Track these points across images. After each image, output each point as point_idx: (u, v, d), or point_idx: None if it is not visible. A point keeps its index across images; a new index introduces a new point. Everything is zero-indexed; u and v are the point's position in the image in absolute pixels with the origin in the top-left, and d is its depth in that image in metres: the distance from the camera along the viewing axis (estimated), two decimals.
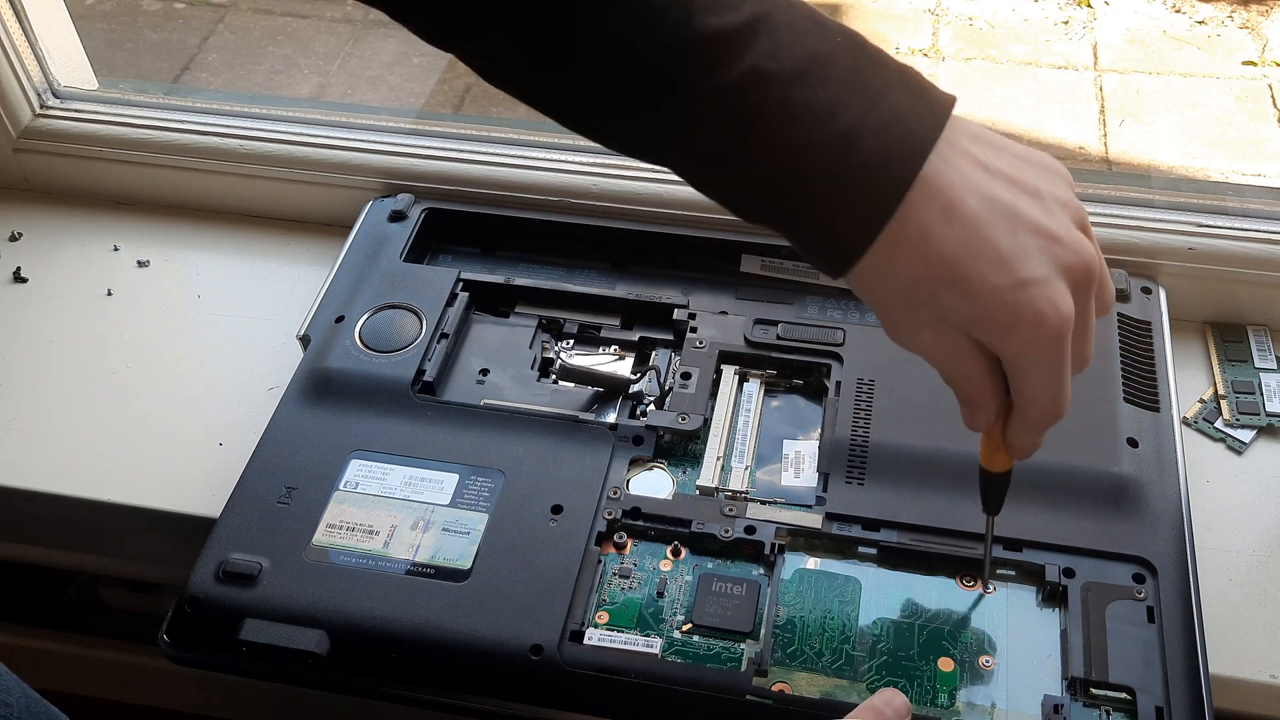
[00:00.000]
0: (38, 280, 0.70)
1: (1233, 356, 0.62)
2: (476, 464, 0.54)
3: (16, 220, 0.74)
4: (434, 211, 0.67)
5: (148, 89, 0.76)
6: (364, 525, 0.52)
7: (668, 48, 0.35)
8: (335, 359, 0.59)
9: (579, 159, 0.68)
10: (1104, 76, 1.87)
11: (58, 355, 0.66)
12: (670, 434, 0.55)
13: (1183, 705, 0.45)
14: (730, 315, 0.61)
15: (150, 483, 0.58)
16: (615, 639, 0.48)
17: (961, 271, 0.36)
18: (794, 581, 0.51)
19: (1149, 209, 0.64)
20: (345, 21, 2.06)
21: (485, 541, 0.51)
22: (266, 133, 0.72)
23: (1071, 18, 1.99)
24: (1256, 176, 1.67)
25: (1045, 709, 0.46)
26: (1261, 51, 1.89)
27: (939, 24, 1.95)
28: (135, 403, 0.63)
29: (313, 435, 0.56)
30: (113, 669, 0.75)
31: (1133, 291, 0.61)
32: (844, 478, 0.53)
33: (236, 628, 0.49)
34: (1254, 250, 0.62)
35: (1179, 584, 0.49)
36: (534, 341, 0.61)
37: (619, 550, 0.52)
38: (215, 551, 0.51)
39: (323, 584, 0.50)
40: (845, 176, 0.36)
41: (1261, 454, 0.59)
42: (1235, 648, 0.50)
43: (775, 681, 0.47)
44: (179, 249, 0.72)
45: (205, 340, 0.66)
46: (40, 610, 0.77)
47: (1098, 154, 1.72)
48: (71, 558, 0.64)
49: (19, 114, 0.73)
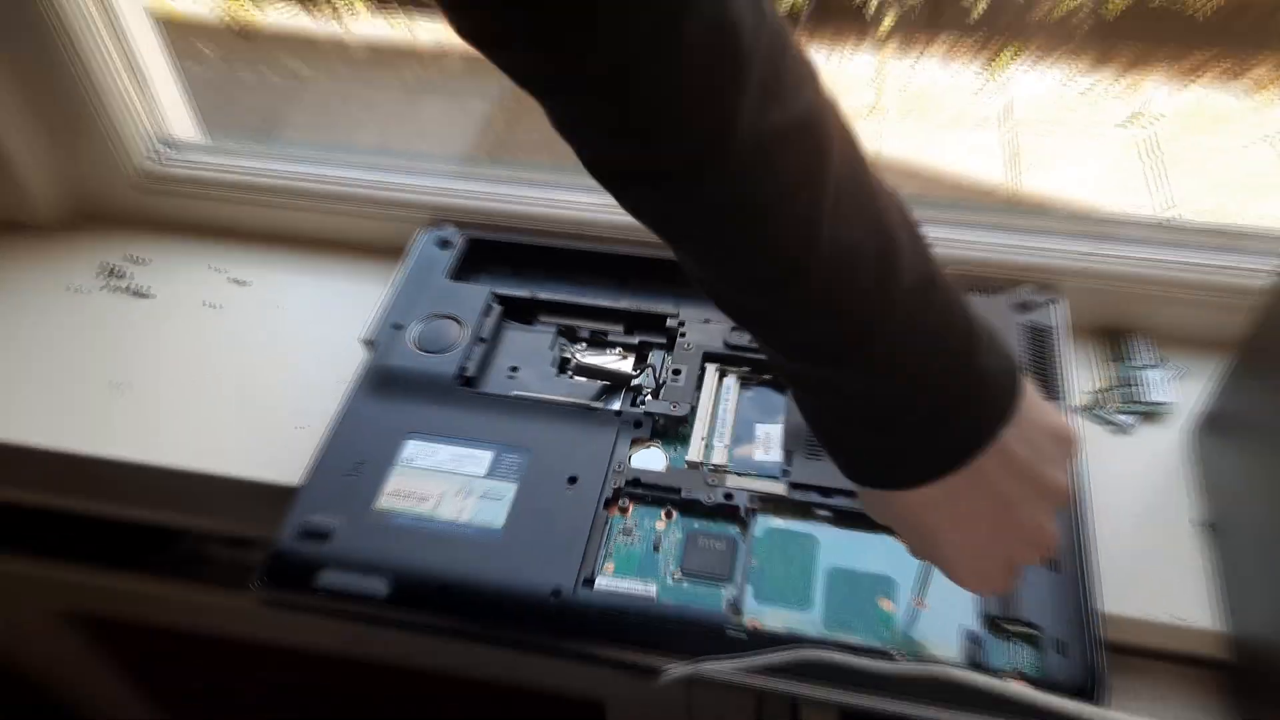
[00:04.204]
0: (153, 295, 0.70)
1: (1118, 356, 0.62)
2: (508, 443, 0.54)
3: (136, 247, 0.74)
4: (474, 240, 0.67)
5: (243, 141, 0.76)
6: (418, 493, 0.52)
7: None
8: (394, 358, 0.59)
9: (592, 199, 0.67)
10: (1015, 129, 1.87)
11: (171, 356, 0.65)
12: (664, 419, 0.55)
13: (1077, 637, 0.45)
14: (713, 323, 0.60)
15: (244, 458, 0.58)
16: (620, 584, 0.48)
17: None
18: (764, 538, 0.50)
19: (1051, 236, 0.63)
20: (402, 88, 2.07)
21: (515, 506, 0.51)
22: (338, 177, 0.71)
23: (988, 82, 1.99)
24: (1138, 210, 1.67)
25: (966, 640, 0.46)
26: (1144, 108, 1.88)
27: (881, 88, 1.95)
28: (232, 393, 0.63)
29: (376, 420, 0.55)
30: (213, 609, 0.75)
31: (1037, 303, 0.61)
32: (805, 454, 0.53)
33: (314, 576, 0.49)
34: (1136, 270, 0.62)
35: (1075, 539, 0.49)
36: (554, 344, 0.61)
37: (623, 513, 0.52)
38: (298, 514, 0.51)
39: (385, 540, 0.50)
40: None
41: (1142, 435, 0.59)
42: (1121, 591, 0.50)
43: (749, 618, 0.47)
44: (268, 270, 0.72)
45: (288, 343, 0.66)
46: (156, 561, 0.77)
47: (1010, 192, 1.72)
48: (181, 518, 0.64)
49: (140, 161, 0.73)
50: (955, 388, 0.34)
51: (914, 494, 0.35)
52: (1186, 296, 0.62)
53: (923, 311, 0.33)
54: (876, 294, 0.32)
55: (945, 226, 0.64)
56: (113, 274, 0.71)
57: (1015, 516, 0.36)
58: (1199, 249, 0.62)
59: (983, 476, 0.35)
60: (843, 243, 0.31)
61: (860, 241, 0.32)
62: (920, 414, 0.34)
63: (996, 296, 0.61)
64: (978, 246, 0.63)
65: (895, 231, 0.32)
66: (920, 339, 0.33)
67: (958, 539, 0.36)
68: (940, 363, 0.33)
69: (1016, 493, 0.36)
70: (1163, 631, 0.50)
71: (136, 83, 0.71)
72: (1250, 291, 0.60)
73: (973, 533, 0.36)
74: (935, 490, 0.35)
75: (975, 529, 0.36)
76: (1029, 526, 0.36)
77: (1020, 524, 0.36)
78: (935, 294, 0.33)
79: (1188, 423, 0.58)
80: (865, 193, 0.32)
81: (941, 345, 0.33)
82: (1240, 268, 0.61)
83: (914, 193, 1.72)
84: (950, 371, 0.34)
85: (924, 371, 0.33)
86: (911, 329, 0.33)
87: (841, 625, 0.47)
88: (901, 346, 0.33)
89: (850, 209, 0.32)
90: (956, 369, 0.34)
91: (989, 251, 0.63)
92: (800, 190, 0.31)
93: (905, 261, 0.32)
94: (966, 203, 1.39)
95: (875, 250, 0.32)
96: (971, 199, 1.72)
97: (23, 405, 0.62)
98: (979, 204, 1.47)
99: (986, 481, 0.35)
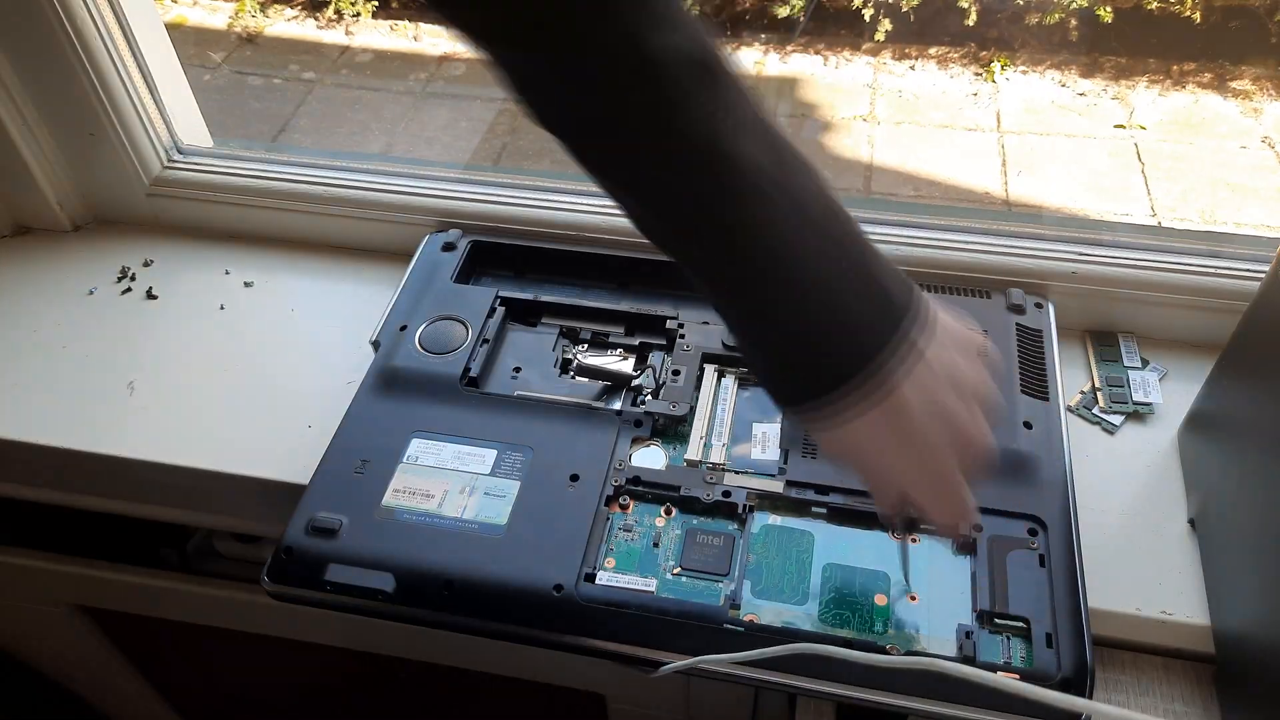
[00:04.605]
0: (165, 297, 0.70)
1: (1106, 357, 0.62)
2: (511, 442, 0.54)
3: (148, 250, 0.74)
4: (478, 243, 0.67)
5: (252, 147, 0.76)
6: (423, 490, 0.52)
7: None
8: (400, 359, 0.59)
9: (592, 202, 0.68)
10: (1005, 137, 1.87)
11: (181, 357, 0.65)
12: (663, 418, 0.55)
13: (1067, 631, 0.45)
14: (711, 325, 0.60)
15: (253, 456, 0.58)
16: (620, 579, 0.48)
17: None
18: (761, 534, 0.51)
19: (1041, 240, 0.64)
20: (408, 94, 2.07)
21: (518, 503, 0.51)
22: (345, 181, 0.71)
23: (979, 90, 1.99)
24: (1124, 215, 1.67)
25: (959, 635, 0.46)
26: (1129, 117, 1.89)
27: (875, 95, 1.95)
28: (241, 393, 0.63)
29: (382, 419, 0.56)
30: (223, 603, 0.75)
31: (1028, 306, 0.61)
32: (800, 453, 0.53)
33: (322, 571, 0.49)
34: (1123, 273, 0.62)
35: (1064, 536, 0.49)
36: (556, 345, 0.61)
37: (623, 510, 0.52)
38: (305, 511, 0.51)
39: (390, 536, 0.50)
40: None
41: (1129, 434, 0.59)
42: (1109, 586, 0.50)
43: (746, 613, 0.47)
44: (277, 273, 0.72)
45: (296, 344, 0.66)
46: (167, 557, 0.77)
47: (1000, 197, 1.73)
48: (192, 515, 0.64)
49: (151, 166, 0.73)
50: (863, 292, 0.36)
51: (859, 422, 0.37)
52: (1174, 299, 0.62)
53: (823, 225, 0.36)
54: (779, 207, 0.35)
55: (937, 230, 0.65)
56: (128, 277, 0.71)
57: (953, 423, 0.38)
58: (1186, 253, 0.62)
59: (914, 386, 0.36)
60: (745, 159, 0.34)
61: (758, 157, 0.34)
62: (833, 321, 0.36)
63: (988, 299, 0.61)
64: (969, 249, 0.63)
65: (792, 154, 0.35)
66: (821, 252, 0.36)
67: (906, 461, 0.38)
68: (845, 273, 0.36)
69: (948, 400, 0.37)
70: (1150, 626, 0.50)
71: (150, 91, 0.71)
72: (1236, 294, 0.60)
73: (920, 449, 0.37)
74: (874, 415, 0.37)
75: (920, 444, 0.37)
76: (968, 431, 0.38)
77: (959, 429, 0.38)
78: (834, 213, 0.36)
79: (1175, 423, 0.58)
80: (761, 117, 0.35)
81: (844, 258, 0.36)
82: (1226, 271, 0.61)
83: (907, 196, 1.72)
84: (856, 279, 0.36)
85: (829, 280, 0.36)
86: (812, 242, 0.35)
87: (837, 620, 0.47)
88: (804, 261, 0.35)
89: (753, 130, 0.34)
90: (863, 277, 0.36)
91: (980, 254, 0.63)
92: (703, 108, 0.33)
93: (805, 181, 0.35)
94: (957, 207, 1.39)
95: (773, 164, 0.35)
96: (963, 202, 1.72)
97: (40, 405, 0.62)
98: (969, 208, 1.47)
99: (918, 391, 0.37)
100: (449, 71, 2.12)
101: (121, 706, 1.01)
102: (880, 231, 0.65)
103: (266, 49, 2.24)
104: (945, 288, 0.62)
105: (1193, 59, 1.94)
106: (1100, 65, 1.97)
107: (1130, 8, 1.90)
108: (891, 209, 0.66)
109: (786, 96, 1.95)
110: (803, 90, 1.96)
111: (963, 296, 0.61)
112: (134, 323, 0.68)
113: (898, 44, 2.04)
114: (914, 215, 0.66)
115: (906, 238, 0.64)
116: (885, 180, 1.76)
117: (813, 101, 1.92)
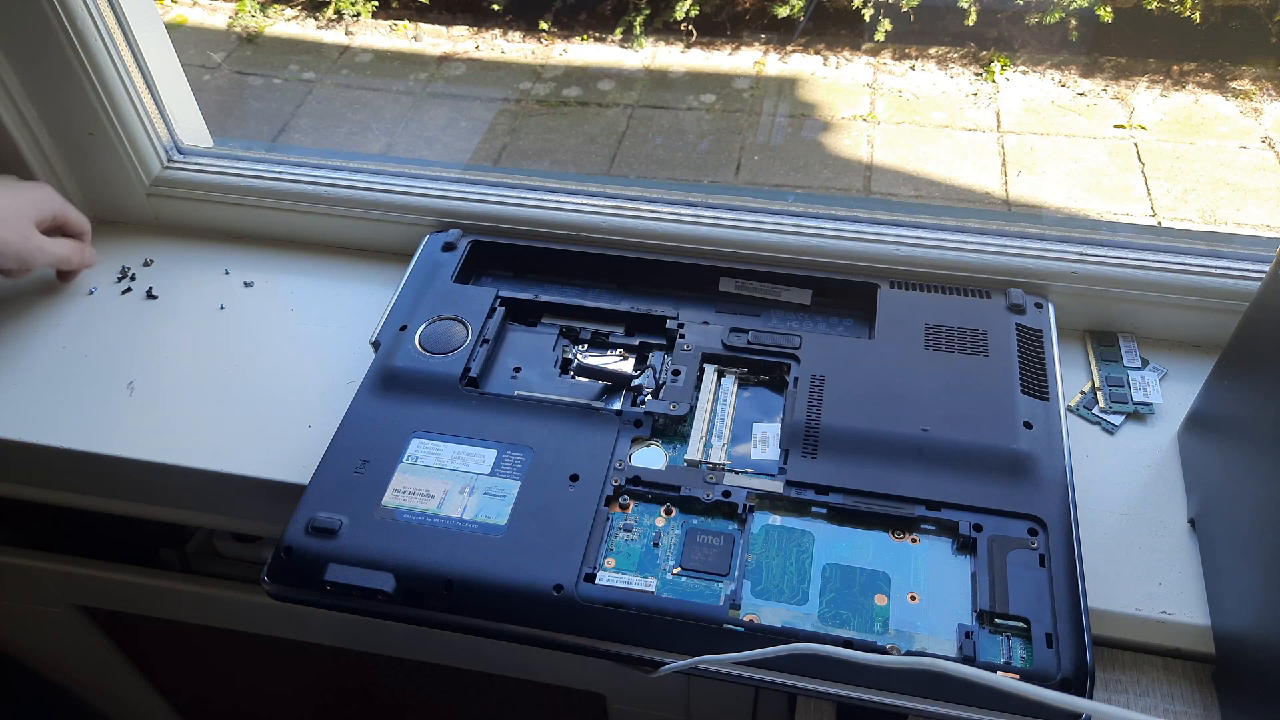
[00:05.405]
0: (165, 297, 0.70)
1: (1106, 357, 0.62)
2: (511, 442, 0.54)
3: (148, 250, 0.74)
4: (478, 243, 0.67)
5: (252, 147, 0.76)
6: (423, 490, 0.52)
7: None
8: (400, 359, 0.59)
9: (593, 202, 0.67)
10: (1005, 137, 1.87)
11: (181, 357, 0.65)
12: (663, 418, 0.55)
13: (1067, 632, 0.45)
14: (711, 325, 0.60)
15: (253, 456, 0.58)
16: (620, 579, 0.48)
17: None
18: (761, 534, 0.51)
19: (1041, 240, 0.64)
20: (408, 94, 2.07)
21: (518, 503, 0.51)
22: (345, 181, 0.71)
23: (979, 90, 1.99)
24: (1124, 215, 1.67)
25: (959, 635, 0.46)
26: (1129, 117, 1.89)
27: (875, 95, 1.95)
28: (241, 393, 0.63)
29: (382, 419, 0.56)
30: (223, 603, 0.75)
31: (1028, 306, 0.61)
32: (800, 453, 0.53)
33: (322, 571, 0.49)
34: (1123, 274, 0.62)
35: (1064, 536, 0.49)
36: (556, 345, 0.61)
37: (623, 510, 0.52)
38: (305, 511, 0.51)
39: (390, 536, 0.50)
40: None
41: (1129, 434, 0.59)
42: (1109, 587, 0.50)
43: (746, 613, 0.47)
44: (277, 273, 0.72)
45: (297, 344, 0.66)
46: (167, 557, 0.77)
47: (1000, 197, 1.73)
48: (192, 515, 0.64)
49: (151, 166, 0.73)
50: None
51: None
52: (1174, 299, 0.62)
53: None
54: None
55: (937, 230, 0.65)
56: (128, 277, 0.71)
57: None
58: (1186, 253, 0.62)
59: None
60: None
61: None
62: None
63: (988, 299, 0.61)
64: (969, 248, 0.63)
65: None
66: None
67: None
68: None
69: None
70: (1150, 626, 0.50)
71: (150, 91, 0.71)
72: (1236, 294, 0.60)
73: None
74: None
75: None
76: None
77: None
78: None
79: (1175, 423, 0.58)
80: None
81: None
82: (1226, 271, 0.61)
83: (907, 196, 1.73)
84: None
85: None
86: None
87: (837, 620, 0.47)
88: None
89: None
90: None
91: (980, 254, 0.63)
92: None
93: None
94: (957, 207, 1.39)
95: None
96: (963, 202, 1.72)
97: (40, 405, 0.62)
98: (969, 209, 1.47)
99: None
100: (449, 71, 2.12)
101: (121, 707, 1.01)
102: (881, 231, 0.65)
103: (266, 49, 2.24)
104: (945, 288, 0.62)
105: (1193, 59, 1.94)
106: (1100, 65, 1.97)
107: (1130, 8, 1.90)
108: (891, 209, 0.66)
109: (786, 96, 1.95)
110: (803, 90, 1.96)
111: (963, 296, 0.61)
112: (134, 323, 0.68)
113: (898, 44, 2.04)
114: (914, 215, 0.66)
115: (906, 238, 0.64)
116: (885, 180, 1.76)
117: (813, 101, 1.92)
